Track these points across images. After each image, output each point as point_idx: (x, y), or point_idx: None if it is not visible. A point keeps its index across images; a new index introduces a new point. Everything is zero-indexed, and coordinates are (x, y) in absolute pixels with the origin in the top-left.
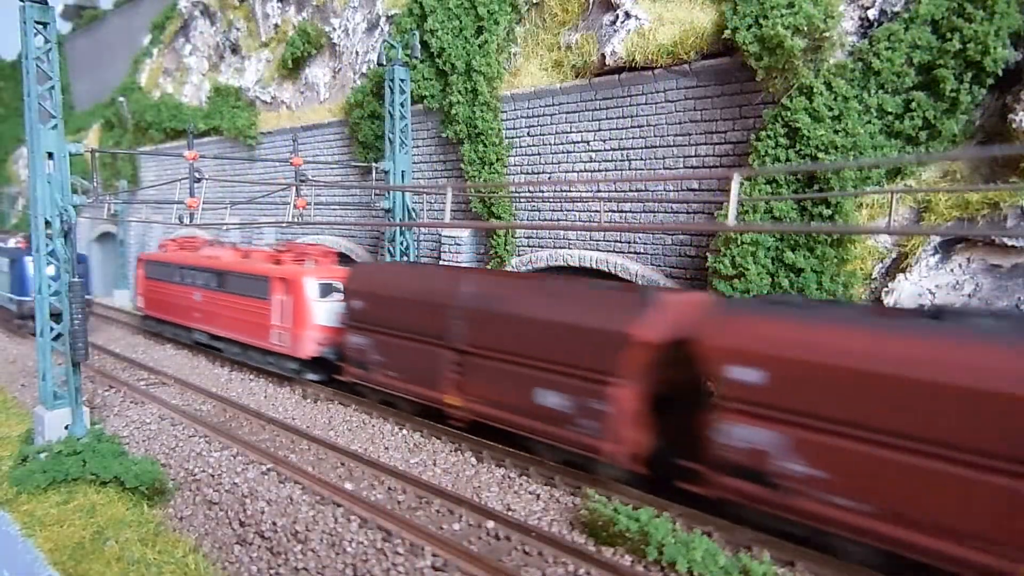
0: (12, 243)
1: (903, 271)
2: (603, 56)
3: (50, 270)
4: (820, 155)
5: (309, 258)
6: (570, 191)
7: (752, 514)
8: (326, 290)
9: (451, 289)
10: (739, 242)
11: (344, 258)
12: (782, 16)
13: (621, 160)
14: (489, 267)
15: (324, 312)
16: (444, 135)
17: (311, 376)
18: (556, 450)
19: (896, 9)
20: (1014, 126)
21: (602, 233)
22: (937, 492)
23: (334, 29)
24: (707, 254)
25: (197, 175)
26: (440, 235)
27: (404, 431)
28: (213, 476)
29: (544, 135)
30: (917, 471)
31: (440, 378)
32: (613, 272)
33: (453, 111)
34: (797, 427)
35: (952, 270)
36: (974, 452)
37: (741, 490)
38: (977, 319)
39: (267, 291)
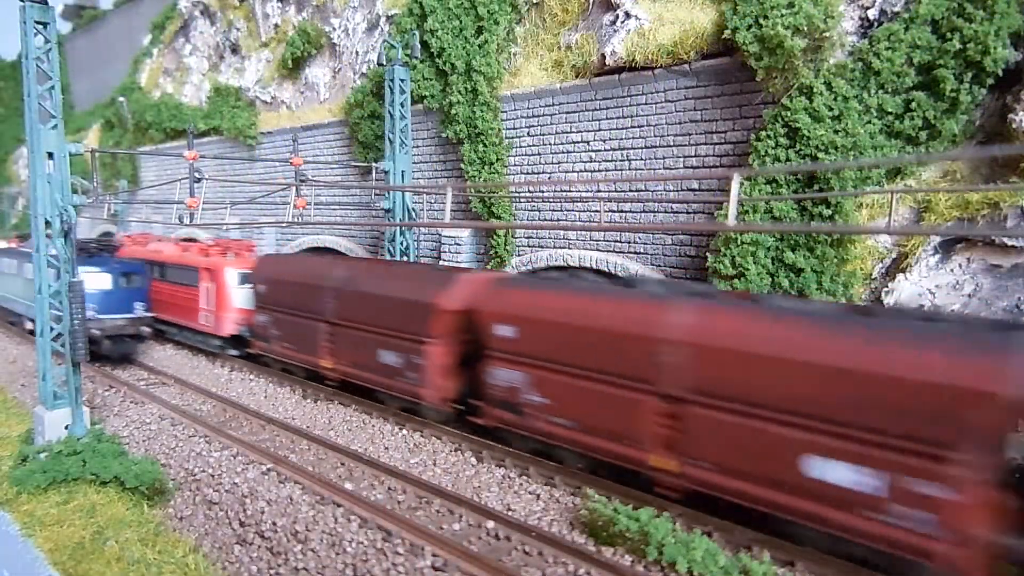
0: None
1: (903, 271)
2: (603, 56)
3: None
4: (820, 155)
5: (231, 251)
6: (570, 191)
7: (509, 436)
8: (244, 278)
9: (326, 273)
10: (739, 242)
11: (336, 253)
12: (782, 16)
13: (621, 160)
14: (489, 267)
15: (242, 297)
16: (444, 135)
17: (232, 351)
18: (394, 398)
19: (896, 9)
20: (1014, 126)
21: (602, 233)
22: (604, 406)
23: (334, 29)
24: (707, 254)
25: (197, 175)
26: (440, 235)
27: (404, 431)
28: (213, 476)
29: (544, 135)
30: (595, 393)
31: (318, 346)
32: (613, 272)
33: (453, 111)
34: (535, 368)
35: (952, 270)
36: (616, 375)
37: (503, 418)
38: (652, 285)
39: (197, 279)
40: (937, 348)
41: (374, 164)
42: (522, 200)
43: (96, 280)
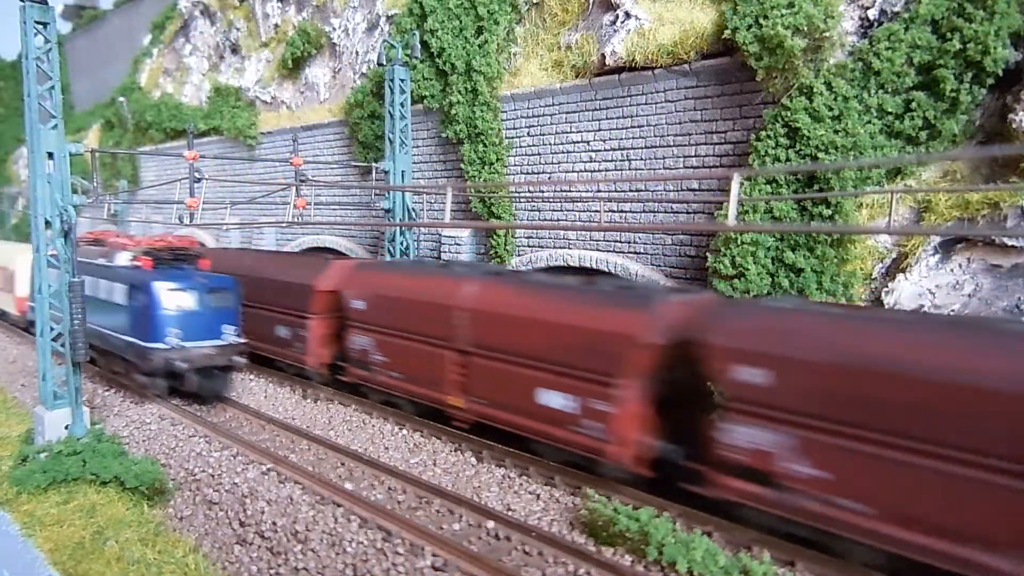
0: (124, 258)
1: (903, 271)
2: (603, 56)
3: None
4: (820, 155)
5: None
6: (570, 191)
7: (365, 390)
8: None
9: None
10: (739, 242)
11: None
12: (782, 16)
13: (621, 160)
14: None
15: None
16: (444, 135)
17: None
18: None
19: (896, 9)
20: (1014, 126)
21: (602, 233)
22: (422, 360)
23: (334, 29)
24: (707, 254)
25: (197, 175)
26: (440, 235)
27: (404, 431)
28: (213, 476)
29: (544, 135)
30: (415, 350)
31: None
32: (613, 272)
33: (453, 111)
34: (378, 333)
35: (952, 270)
36: (433, 337)
37: (359, 375)
38: (461, 267)
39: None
40: (608, 306)
41: (374, 164)
42: (522, 200)
43: (178, 299)
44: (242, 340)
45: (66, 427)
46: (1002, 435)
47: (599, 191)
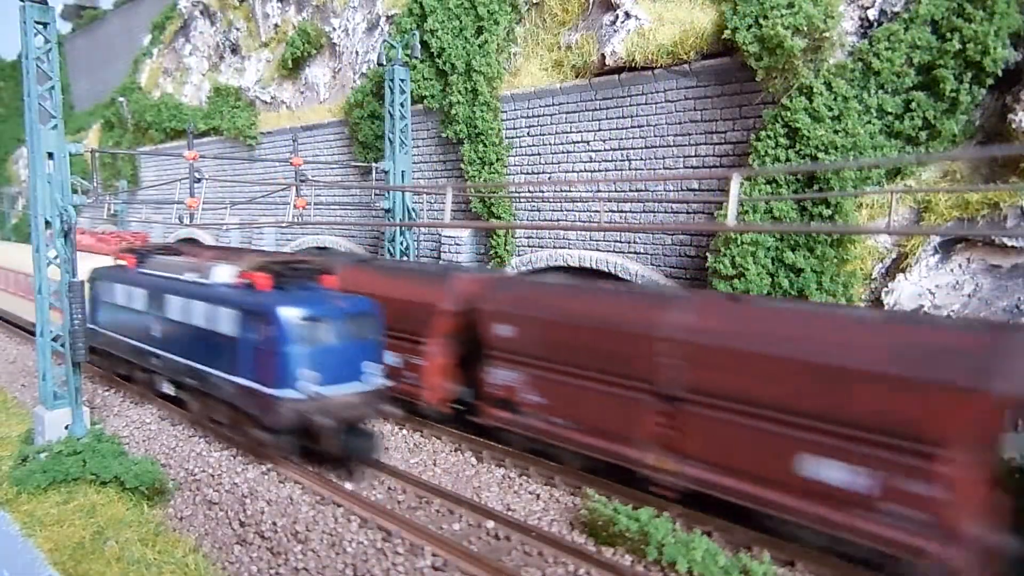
0: (226, 273)
1: (903, 271)
2: (603, 56)
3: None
4: (820, 155)
5: (124, 241)
6: (570, 191)
7: None
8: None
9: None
10: (739, 242)
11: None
12: (782, 16)
13: (621, 160)
14: (489, 267)
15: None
16: (444, 135)
17: None
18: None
19: (896, 9)
20: (1014, 126)
21: (602, 233)
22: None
23: (334, 29)
24: (707, 254)
25: (197, 175)
26: (440, 235)
27: (404, 431)
28: (213, 476)
29: (544, 135)
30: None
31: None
32: (613, 272)
33: (453, 111)
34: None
35: (952, 270)
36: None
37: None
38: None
39: None
40: (425, 282)
41: (374, 164)
42: (522, 200)
43: (314, 331)
44: (388, 381)
45: (66, 427)
46: (641, 364)
47: (599, 191)
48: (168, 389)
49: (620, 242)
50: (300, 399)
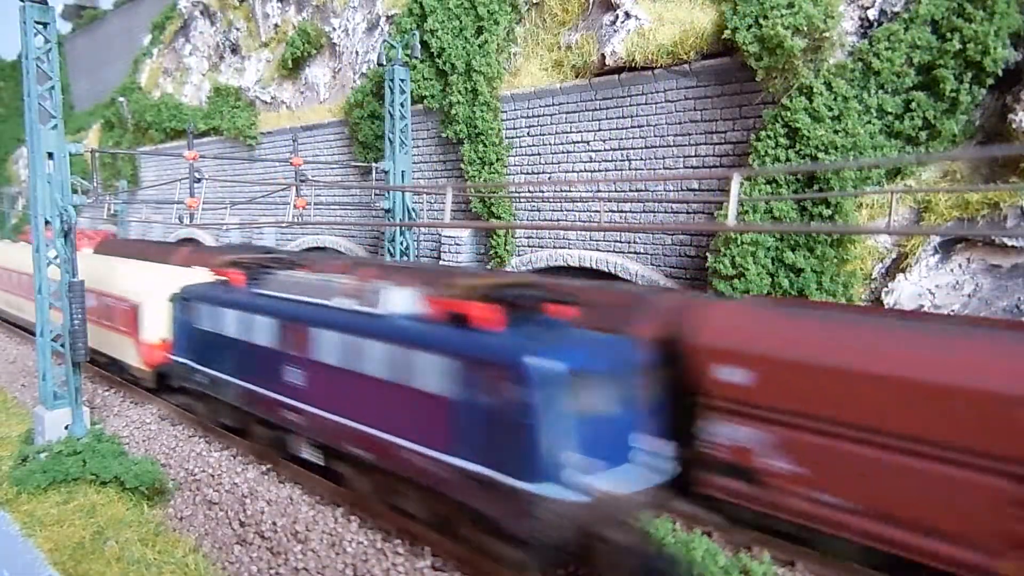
0: (404, 300)
1: (903, 271)
2: (603, 56)
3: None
4: (820, 155)
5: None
6: (570, 191)
7: None
8: None
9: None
10: (739, 242)
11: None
12: (782, 16)
13: (621, 160)
14: (490, 267)
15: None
16: (444, 135)
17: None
18: None
19: (896, 9)
20: (1014, 126)
21: (602, 233)
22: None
23: (334, 29)
24: (707, 254)
25: (197, 175)
26: (440, 235)
27: None
28: (213, 476)
29: (544, 135)
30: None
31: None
32: (613, 272)
33: (453, 111)
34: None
35: (952, 270)
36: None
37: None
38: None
39: None
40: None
41: (374, 164)
42: (522, 200)
43: (581, 393)
44: (673, 464)
45: (66, 427)
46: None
47: (599, 191)
48: (311, 455)
49: (620, 242)
50: (574, 499)
